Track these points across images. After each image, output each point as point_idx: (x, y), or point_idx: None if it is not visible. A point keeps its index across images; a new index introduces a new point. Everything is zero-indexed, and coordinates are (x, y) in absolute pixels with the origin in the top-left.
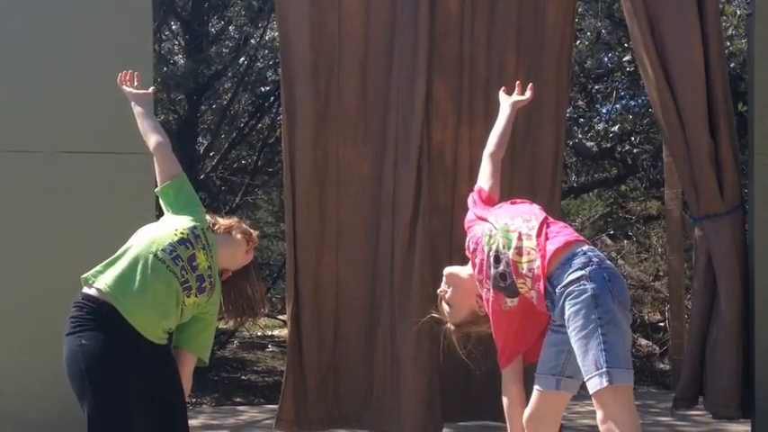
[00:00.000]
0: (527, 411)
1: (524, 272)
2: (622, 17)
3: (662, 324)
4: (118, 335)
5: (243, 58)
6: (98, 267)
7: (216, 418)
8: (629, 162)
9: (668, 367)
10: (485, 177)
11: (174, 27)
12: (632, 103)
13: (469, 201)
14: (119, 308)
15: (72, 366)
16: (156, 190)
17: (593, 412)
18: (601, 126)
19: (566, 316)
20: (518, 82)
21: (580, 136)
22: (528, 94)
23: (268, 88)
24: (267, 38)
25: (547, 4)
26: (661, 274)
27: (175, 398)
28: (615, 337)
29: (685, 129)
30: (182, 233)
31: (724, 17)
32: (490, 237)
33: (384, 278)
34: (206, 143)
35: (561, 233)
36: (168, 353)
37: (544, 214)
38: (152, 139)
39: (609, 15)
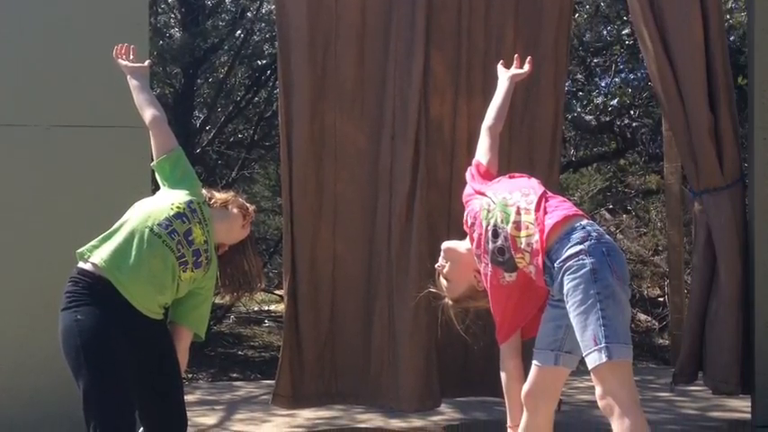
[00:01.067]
0: (525, 387)
1: (523, 246)
2: None
3: (661, 299)
4: (114, 310)
5: (239, 32)
6: (94, 242)
7: (212, 394)
8: (629, 136)
9: (667, 342)
10: (483, 151)
11: (170, 0)
12: (631, 76)
13: (467, 175)
14: (114, 282)
15: (67, 342)
16: (152, 164)
17: (592, 388)
18: (600, 100)
19: (564, 291)
20: (516, 55)
21: (579, 110)
22: (526, 67)
23: (265, 61)
24: (264, 11)
25: None
26: (660, 248)
27: (171, 372)
28: (614, 313)
29: (685, 102)
30: (178, 207)
31: None
32: (488, 211)
33: (381, 253)
34: (202, 117)
35: (560, 207)
36: (164, 328)
37: (543, 188)
38: (148, 113)
39: None
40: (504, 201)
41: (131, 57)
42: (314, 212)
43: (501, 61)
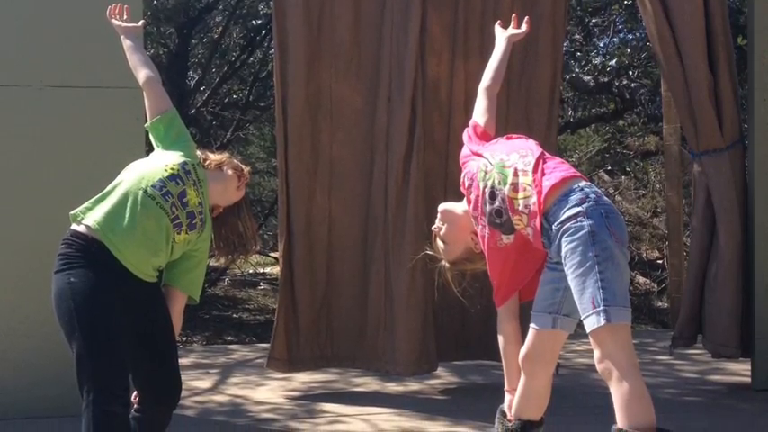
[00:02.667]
0: (523, 350)
1: (520, 208)
2: None
3: (660, 261)
4: (107, 272)
5: None
6: (87, 204)
7: (207, 357)
8: (627, 97)
9: (667, 305)
10: (480, 112)
11: None
12: (630, 36)
13: (464, 136)
14: (108, 245)
15: (60, 305)
16: (145, 125)
17: (591, 351)
18: (598, 60)
19: (562, 253)
20: (514, 15)
21: (577, 70)
22: (524, 27)
23: (260, 21)
24: None
25: None
26: (659, 210)
27: (165, 336)
28: (613, 275)
29: (684, 63)
30: (172, 169)
31: None
32: (485, 173)
33: (378, 215)
34: (196, 77)
35: (558, 169)
36: (158, 290)
37: (540, 150)
38: (142, 74)
39: None
40: (501, 162)
41: (125, 17)
42: (309, 174)
43: (498, 21)
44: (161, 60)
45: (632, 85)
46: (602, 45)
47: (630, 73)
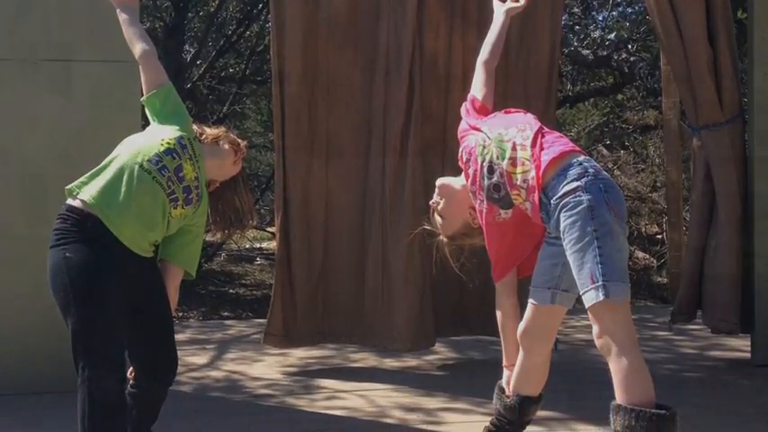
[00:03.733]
0: (521, 326)
1: (519, 183)
2: None
3: (659, 236)
4: (103, 247)
5: None
6: (83, 178)
7: (203, 333)
8: (626, 70)
9: (666, 280)
10: (478, 86)
11: None
12: (629, 9)
13: (462, 110)
14: (104, 220)
15: (56, 279)
16: (141, 99)
17: (590, 327)
18: (597, 34)
19: (561, 228)
20: None
21: (576, 44)
22: (522, 1)
23: None
24: None
25: None
26: (658, 185)
27: (161, 311)
28: (612, 250)
29: (683, 36)
30: (168, 143)
31: None
32: (484, 147)
33: (375, 189)
34: (193, 51)
35: (556, 143)
36: (154, 265)
37: (539, 124)
38: (138, 47)
39: None
40: (499, 136)
41: None
42: (306, 148)
43: None
44: (157, 34)
45: (631, 58)
46: (600, 18)
47: (630, 46)
